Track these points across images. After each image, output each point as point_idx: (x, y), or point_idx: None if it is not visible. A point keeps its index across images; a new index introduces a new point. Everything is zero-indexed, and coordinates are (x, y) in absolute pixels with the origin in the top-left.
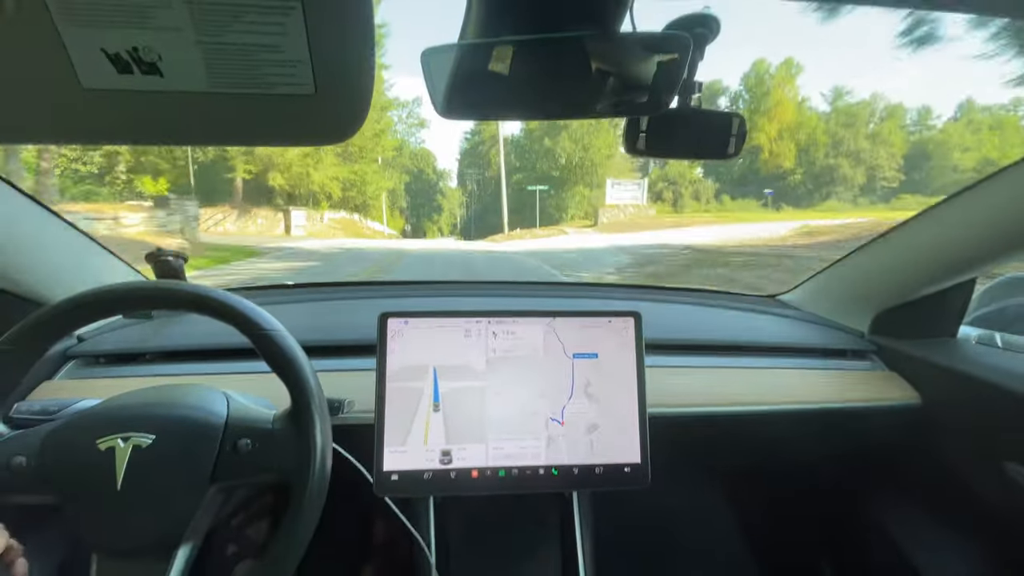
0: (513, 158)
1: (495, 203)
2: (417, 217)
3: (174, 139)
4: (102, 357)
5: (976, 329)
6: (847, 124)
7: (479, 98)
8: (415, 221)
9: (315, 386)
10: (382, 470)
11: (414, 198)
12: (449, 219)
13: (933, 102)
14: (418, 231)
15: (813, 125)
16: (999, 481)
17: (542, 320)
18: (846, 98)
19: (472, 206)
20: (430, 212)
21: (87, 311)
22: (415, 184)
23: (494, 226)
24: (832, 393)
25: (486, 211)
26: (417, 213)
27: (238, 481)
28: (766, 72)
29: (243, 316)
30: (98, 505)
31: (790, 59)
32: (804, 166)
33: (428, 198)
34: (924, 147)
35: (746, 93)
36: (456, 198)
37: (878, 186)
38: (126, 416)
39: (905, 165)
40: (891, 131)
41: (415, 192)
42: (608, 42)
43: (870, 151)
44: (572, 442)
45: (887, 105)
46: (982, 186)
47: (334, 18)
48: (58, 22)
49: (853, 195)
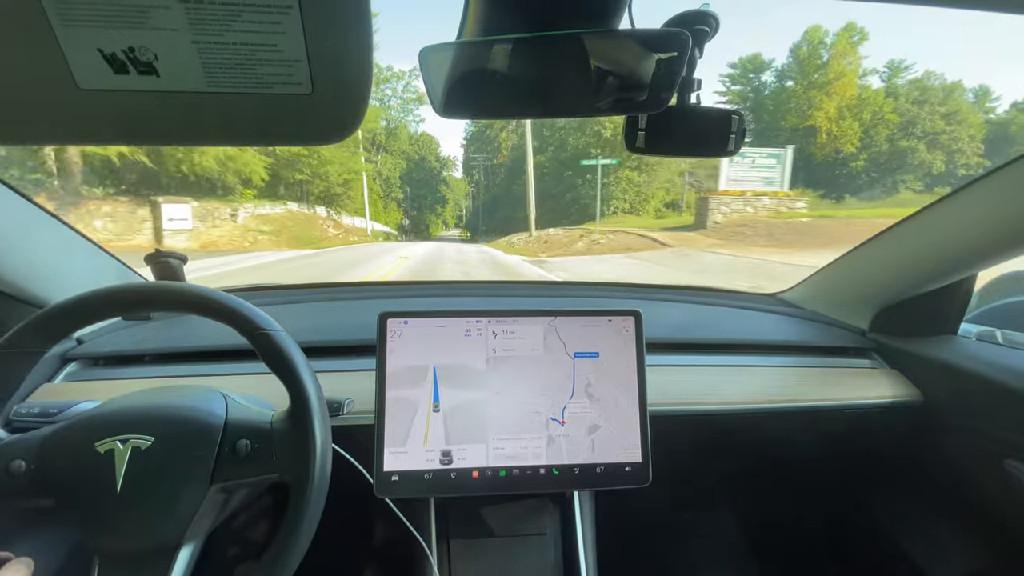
0: (543, 131)
1: (508, 195)
2: (419, 209)
3: (171, 139)
4: (101, 359)
5: (977, 326)
6: (919, 101)
7: (477, 96)
8: (416, 213)
9: (314, 386)
10: (382, 471)
11: (415, 188)
12: (454, 211)
13: (988, 82)
14: (419, 226)
15: (879, 102)
16: (1000, 479)
17: (542, 320)
18: (904, 75)
19: (481, 197)
20: (433, 204)
21: (86, 313)
22: (416, 172)
23: (510, 223)
24: (833, 391)
25: (497, 204)
26: (419, 204)
27: (238, 482)
28: (820, 41)
29: (242, 317)
30: (97, 508)
31: (852, 24)
32: (869, 150)
33: (431, 188)
34: (1004, 128)
35: (796, 66)
36: (462, 189)
37: (959, 174)
38: (125, 418)
39: (986, 149)
40: (967, 110)
41: (416, 182)
42: (606, 39)
43: (949, 132)
44: (573, 442)
45: (944, 84)
46: (982, 182)
47: (331, 17)
48: (53, 22)
49: (924, 183)
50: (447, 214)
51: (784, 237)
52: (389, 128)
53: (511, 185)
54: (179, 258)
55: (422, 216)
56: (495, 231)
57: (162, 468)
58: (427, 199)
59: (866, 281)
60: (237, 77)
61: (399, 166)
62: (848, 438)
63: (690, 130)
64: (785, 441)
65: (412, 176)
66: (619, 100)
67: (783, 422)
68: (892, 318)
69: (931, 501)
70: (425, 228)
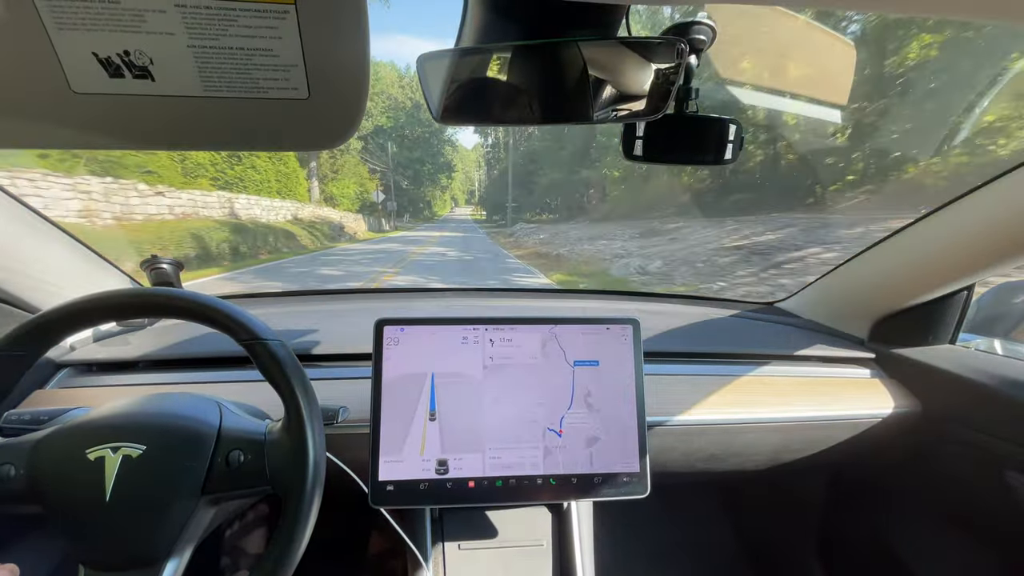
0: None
1: (557, 151)
2: (415, 180)
3: (166, 144)
4: (95, 365)
5: (976, 336)
6: None
7: (475, 103)
8: (411, 187)
9: (309, 396)
10: (377, 480)
11: (407, 150)
12: (465, 185)
13: None
14: (417, 204)
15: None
16: (1000, 489)
17: (540, 327)
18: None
19: (502, 162)
20: (434, 173)
21: (80, 319)
22: (409, 127)
23: (573, 191)
24: (831, 401)
25: (538, 164)
26: (414, 174)
27: (229, 494)
28: None
29: (237, 324)
30: (86, 516)
31: None
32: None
33: (430, 150)
34: None
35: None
36: (471, 159)
37: None
38: (117, 425)
39: None
40: None
41: (410, 142)
42: (604, 47)
43: None
44: (571, 454)
45: None
46: (981, 191)
47: (328, 22)
48: (48, 25)
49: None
50: (455, 187)
51: None
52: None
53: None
54: (175, 264)
55: (419, 190)
56: (536, 211)
57: (153, 477)
58: (425, 166)
59: (864, 290)
60: (233, 82)
61: (373, 121)
62: (847, 448)
63: (688, 138)
64: (783, 451)
65: (403, 134)
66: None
67: (781, 432)
68: (891, 327)
69: (930, 511)
70: (427, 206)
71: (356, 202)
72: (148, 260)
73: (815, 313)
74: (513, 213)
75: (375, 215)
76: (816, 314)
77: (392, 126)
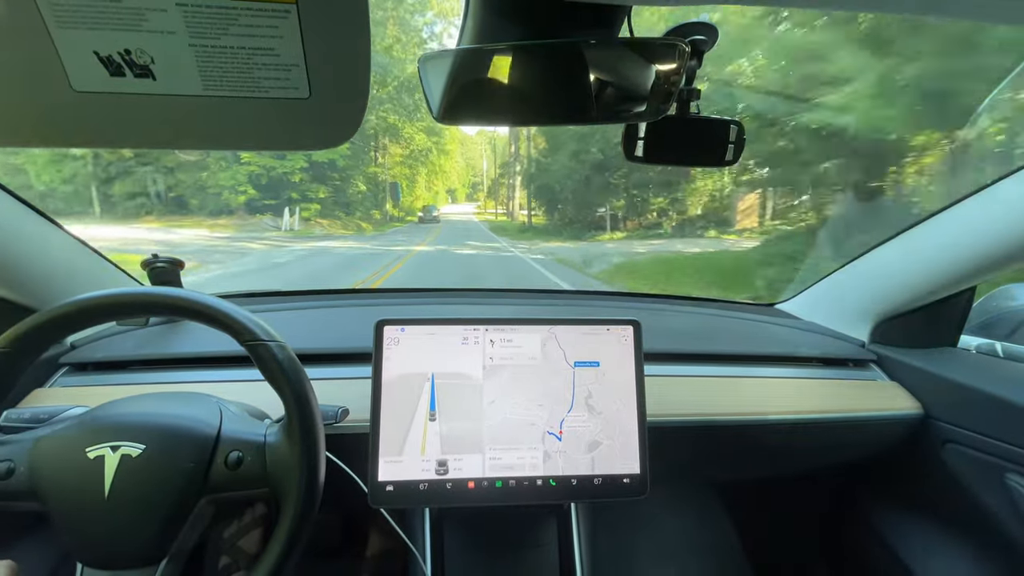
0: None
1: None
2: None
3: (166, 143)
4: (95, 364)
5: (977, 338)
6: None
7: (476, 103)
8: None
9: (310, 396)
10: (377, 480)
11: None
12: (465, 176)
13: None
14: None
15: None
16: (1000, 492)
17: (541, 328)
18: None
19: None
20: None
21: (81, 317)
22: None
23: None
24: (832, 403)
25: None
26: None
27: (228, 495)
28: None
29: (238, 324)
30: (84, 514)
31: None
32: None
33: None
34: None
35: None
36: (475, 151)
37: None
38: (116, 424)
39: None
40: None
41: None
42: (605, 49)
43: None
44: (571, 458)
45: None
46: (983, 194)
47: (330, 22)
48: (49, 23)
49: None
50: (451, 174)
51: None
52: None
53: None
54: (175, 263)
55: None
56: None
57: (151, 477)
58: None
59: (865, 292)
60: (234, 81)
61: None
62: (847, 450)
63: (689, 140)
64: (784, 453)
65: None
66: (618, 109)
67: (782, 434)
68: (892, 330)
69: (931, 514)
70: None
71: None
72: (148, 259)
73: (816, 315)
74: (578, 213)
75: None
76: (817, 316)
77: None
